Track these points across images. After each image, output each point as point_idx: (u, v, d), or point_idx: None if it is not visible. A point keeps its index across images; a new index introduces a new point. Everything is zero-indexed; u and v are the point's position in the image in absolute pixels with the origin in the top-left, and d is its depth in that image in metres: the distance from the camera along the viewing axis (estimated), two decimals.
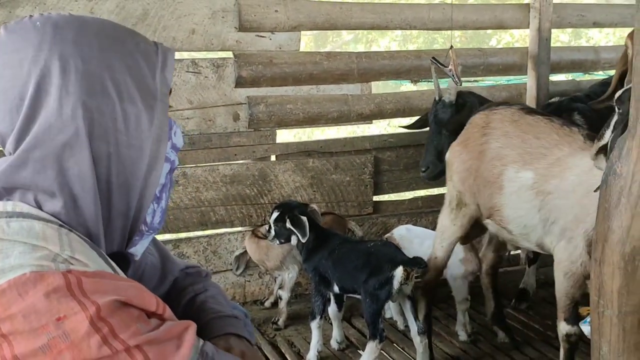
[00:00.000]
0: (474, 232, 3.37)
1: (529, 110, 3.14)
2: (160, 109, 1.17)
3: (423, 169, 3.74)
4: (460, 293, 3.59)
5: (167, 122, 1.20)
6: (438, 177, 3.69)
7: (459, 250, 3.54)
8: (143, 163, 1.15)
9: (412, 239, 3.65)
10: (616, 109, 2.34)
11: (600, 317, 1.91)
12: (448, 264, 3.38)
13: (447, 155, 3.29)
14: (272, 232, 3.35)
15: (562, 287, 2.84)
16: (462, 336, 3.63)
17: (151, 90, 1.16)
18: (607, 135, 2.35)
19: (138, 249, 1.26)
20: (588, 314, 2.69)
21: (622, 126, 2.05)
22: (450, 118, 3.65)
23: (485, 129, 3.09)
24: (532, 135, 2.93)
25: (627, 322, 1.87)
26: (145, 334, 1.01)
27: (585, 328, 2.81)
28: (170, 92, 1.23)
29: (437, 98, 3.72)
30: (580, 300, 2.90)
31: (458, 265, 3.54)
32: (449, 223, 3.23)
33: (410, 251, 3.35)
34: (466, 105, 3.67)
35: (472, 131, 3.16)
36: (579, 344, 2.92)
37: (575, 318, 2.88)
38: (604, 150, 2.22)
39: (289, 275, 3.77)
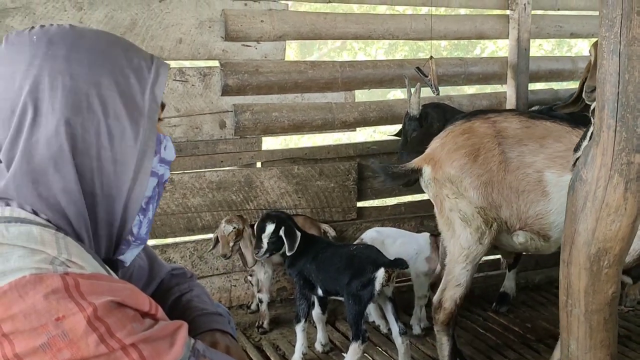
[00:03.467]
0: None
1: (533, 116, 3.09)
2: (147, 125, 1.20)
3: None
4: (421, 289, 3.76)
5: (154, 137, 1.22)
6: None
7: (426, 249, 3.71)
8: (127, 177, 1.18)
9: (384, 239, 3.74)
10: (592, 120, 2.41)
11: (569, 315, 2.01)
12: (413, 261, 3.45)
13: (444, 170, 3.04)
14: (265, 247, 3.35)
15: None
16: (416, 330, 3.77)
17: (139, 107, 1.18)
18: (584, 146, 2.43)
19: (127, 257, 1.30)
20: None
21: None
22: (413, 131, 3.78)
23: (498, 138, 2.97)
24: (553, 140, 2.87)
25: (593, 320, 1.96)
26: (140, 333, 1.06)
27: None
28: (164, 106, 1.27)
29: (408, 110, 3.84)
30: None
31: (423, 263, 3.71)
32: (474, 243, 3.01)
33: (385, 251, 3.42)
34: (428, 118, 3.79)
35: (482, 141, 2.99)
36: None
37: None
38: None
39: (265, 275, 3.83)
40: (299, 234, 3.33)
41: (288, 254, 3.34)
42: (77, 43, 1.15)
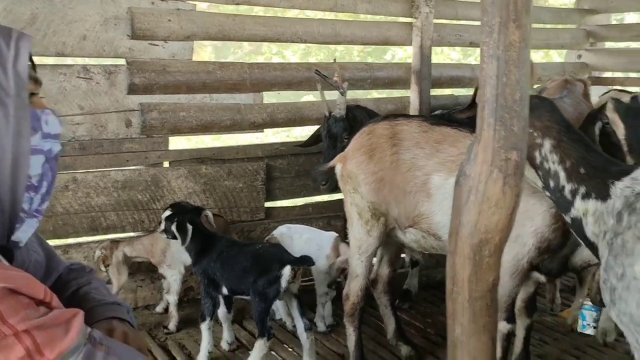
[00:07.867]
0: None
1: (434, 122, 3.17)
2: (16, 104, 1.17)
3: (324, 183, 3.85)
4: (322, 287, 3.85)
5: (27, 115, 1.20)
6: (338, 187, 3.90)
7: (326, 246, 3.79)
8: (6, 160, 1.17)
9: (292, 235, 3.83)
10: None
11: (454, 303, 2.13)
12: (315, 257, 3.46)
13: (346, 167, 3.22)
14: (162, 226, 3.46)
15: (507, 287, 2.79)
16: (321, 327, 3.87)
17: (3, 87, 1.16)
18: None
19: (21, 236, 1.28)
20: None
21: None
22: (343, 131, 3.84)
23: (394, 139, 3.08)
24: (448, 144, 2.97)
25: (476, 307, 2.10)
26: (34, 320, 1.07)
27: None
28: (39, 82, 1.25)
29: (327, 113, 3.91)
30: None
31: (323, 261, 3.78)
32: (364, 235, 3.18)
33: (292, 246, 3.52)
34: (357, 119, 3.89)
35: (378, 142, 3.12)
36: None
37: (513, 316, 2.96)
38: None
39: (173, 278, 3.83)
40: (190, 227, 3.36)
41: (181, 247, 3.41)
42: None
